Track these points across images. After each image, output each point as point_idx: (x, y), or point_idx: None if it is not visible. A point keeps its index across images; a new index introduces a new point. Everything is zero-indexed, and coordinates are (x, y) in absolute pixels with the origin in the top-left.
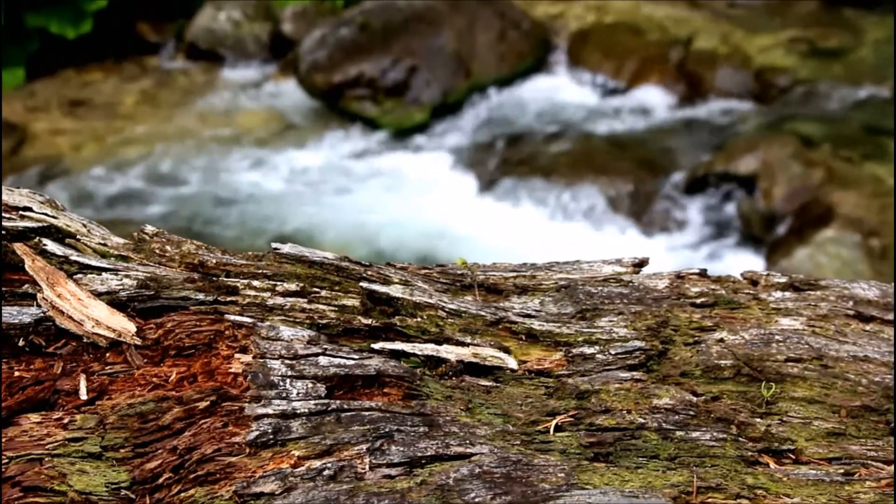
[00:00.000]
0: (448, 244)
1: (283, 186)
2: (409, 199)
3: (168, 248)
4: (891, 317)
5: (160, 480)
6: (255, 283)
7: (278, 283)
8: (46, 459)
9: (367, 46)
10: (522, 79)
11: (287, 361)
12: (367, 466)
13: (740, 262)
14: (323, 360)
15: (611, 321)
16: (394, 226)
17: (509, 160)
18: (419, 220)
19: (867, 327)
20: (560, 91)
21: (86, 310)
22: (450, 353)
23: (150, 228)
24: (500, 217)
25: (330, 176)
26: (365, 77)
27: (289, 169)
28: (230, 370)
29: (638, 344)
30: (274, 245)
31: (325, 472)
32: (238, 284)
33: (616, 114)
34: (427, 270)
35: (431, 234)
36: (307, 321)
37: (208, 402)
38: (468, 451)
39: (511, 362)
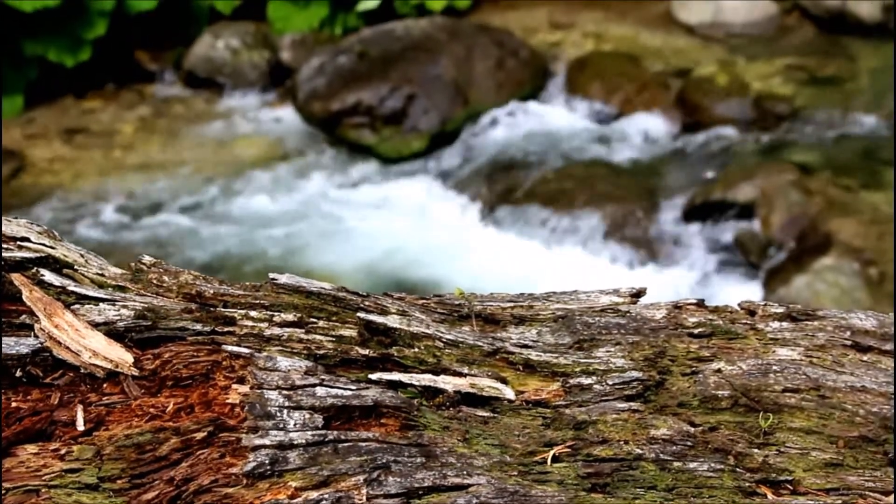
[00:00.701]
0: (447, 273)
1: (281, 214)
2: (407, 227)
3: (165, 278)
4: (888, 347)
5: None
6: (253, 313)
7: (276, 313)
8: (43, 491)
9: (366, 75)
10: (520, 106)
11: (284, 392)
12: (364, 497)
13: (739, 289)
14: (320, 391)
15: (608, 351)
16: (392, 254)
17: (508, 188)
18: (417, 249)
19: (865, 357)
20: (558, 119)
21: (83, 340)
22: (447, 383)
23: (147, 259)
24: (499, 245)
25: (327, 204)
26: (363, 105)
27: (286, 197)
28: (227, 401)
29: (635, 374)
30: (271, 275)
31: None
32: (235, 315)
33: (614, 141)
34: (424, 301)
35: (430, 263)
36: (304, 351)
37: (205, 433)
38: (465, 481)
39: (508, 393)
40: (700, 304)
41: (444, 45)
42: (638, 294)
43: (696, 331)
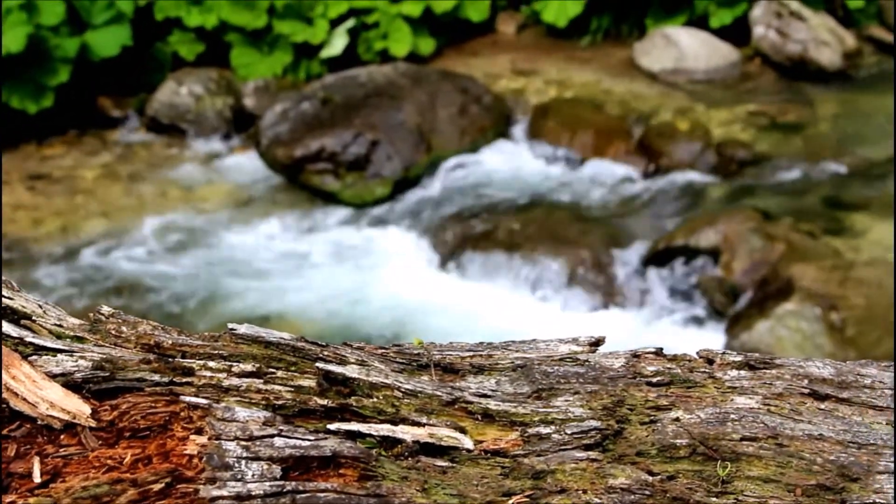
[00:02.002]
0: (410, 320)
1: (244, 261)
2: (370, 274)
3: (124, 328)
4: (845, 395)
5: None
6: (211, 363)
7: (234, 363)
8: None
9: (329, 121)
10: (484, 153)
11: (242, 443)
12: None
13: (701, 335)
14: (278, 442)
15: (567, 401)
16: (355, 301)
17: (471, 234)
18: (380, 296)
19: (822, 406)
20: (521, 165)
21: (40, 392)
22: (406, 433)
23: (106, 309)
24: (461, 292)
25: (290, 251)
26: (326, 151)
27: (248, 244)
28: (185, 452)
29: (594, 423)
30: (230, 326)
31: None
32: (194, 365)
33: (577, 187)
34: (383, 350)
35: (393, 310)
36: (263, 402)
37: (163, 484)
38: None
39: (467, 442)
40: (658, 352)
41: (407, 91)
42: (597, 343)
43: (654, 379)
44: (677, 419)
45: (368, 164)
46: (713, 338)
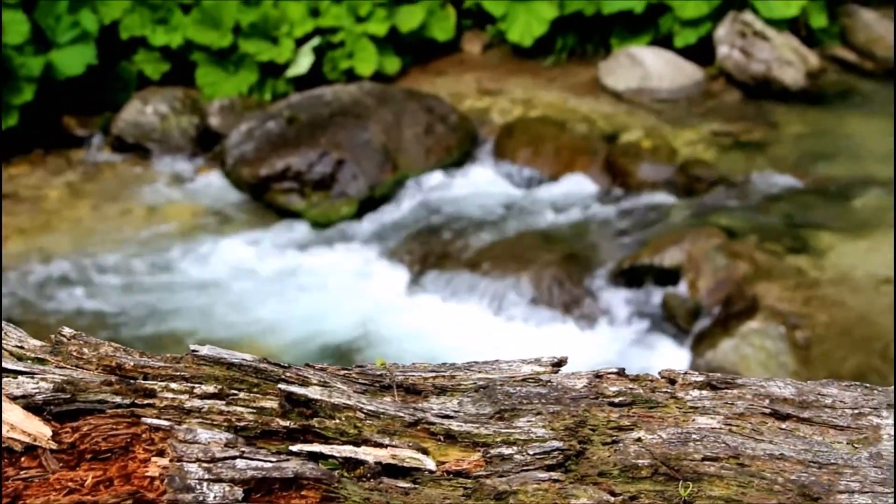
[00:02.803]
0: (375, 340)
1: (207, 282)
2: (335, 294)
3: (85, 350)
4: (806, 415)
5: None
6: (173, 385)
7: (196, 385)
8: None
9: (294, 140)
10: (449, 172)
11: (204, 465)
12: None
13: (666, 354)
14: (240, 463)
15: (529, 421)
16: (321, 320)
17: (436, 253)
18: (346, 316)
19: (783, 425)
20: (487, 184)
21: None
22: (368, 454)
23: (67, 331)
24: (427, 311)
25: (255, 271)
26: (292, 170)
27: (213, 264)
28: (147, 474)
29: (556, 444)
30: (192, 347)
31: None
32: (156, 387)
33: (543, 206)
34: (346, 371)
35: (358, 330)
36: (225, 424)
37: None
38: None
39: (429, 463)
40: (621, 372)
41: (372, 110)
42: (559, 363)
43: (616, 400)
44: (639, 439)
45: (334, 183)
46: (678, 356)
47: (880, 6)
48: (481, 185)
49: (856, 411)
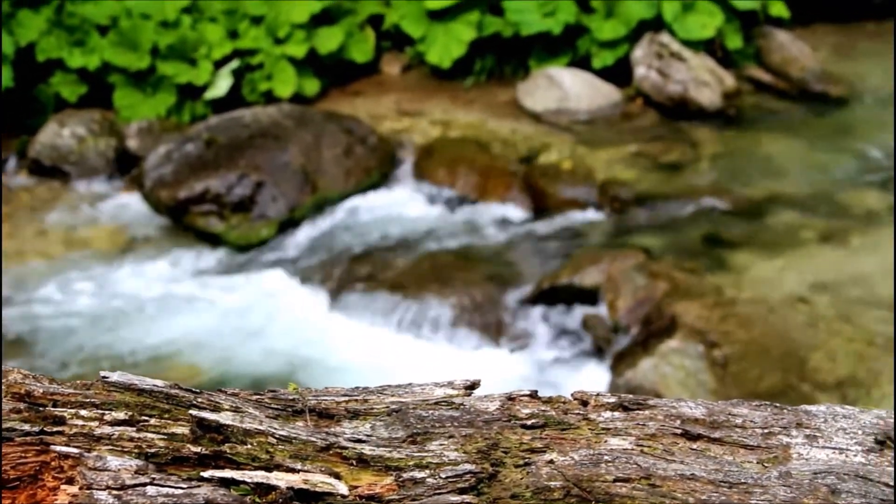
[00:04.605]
0: (294, 364)
1: (124, 306)
2: (254, 317)
3: None
4: (717, 435)
5: None
6: (83, 412)
7: (106, 411)
8: None
9: (213, 162)
10: (369, 193)
11: (114, 492)
12: None
13: (587, 374)
14: (151, 490)
15: (441, 444)
16: (241, 343)
17: (357, 275)
18: (265, 338)
19: (694, 446)
20: (407, 205)
21: None
22: (280, 479)
23: None
24: (347, 333)
25: (173, 295)
26: (211, 193)
27: (130, 288)
28: (56, 502)
29: (468, 467)
30: (103, 373)
31: None
32: (65, 414)
33: (462, 227)
34: (258, 396)
35: (278, 352)
36: (135, 450)
37: None
38: None
39: (342, 488)
40: (533, 394)
41: (292, 132)
42: (472, 386)
43: (529, 422)
44: (551, 461)
45: (253, 205)
46: (598, 376)
47: (794, 27)
48: (401, 206)
49: (765, 431)
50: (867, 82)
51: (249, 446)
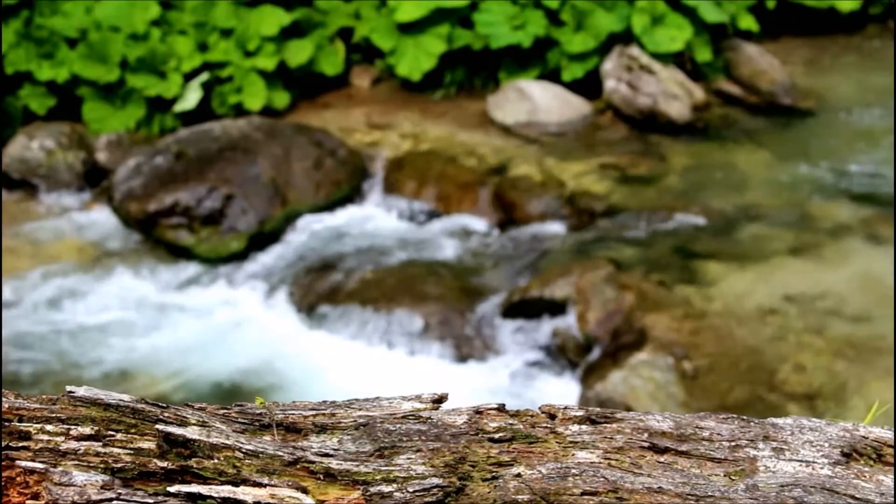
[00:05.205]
0: (264, 377)
1: (92, 320)
2: (224, 330)
3: None
4: (684, 448)
5: None
6: (49, 427)
7: (72, 426)
8: None
9: (183, 175)
10: (339, 206)
11: None
12: None
13: (557, 386)
14: None
15: (409, 458)
16: (210, 356)
17: (327, 288)
18: (234, 351)
19: (661, 458)
20: (377, 218)
21: None
22: (247, 494)
23: None
24: (317, 346)
25: (142, 308)
26: (180, 206)
27: (98, 302)
28: None
29: (436, 481)
30: (68, 388)
31: None
32: (31, 429)
33: (432, 240)
34: (225, 410)
35: (248, 365)
36: (101, 465)
37: None
38: None
39: (309, 502)
40: (501, 408)
41: (261, 145)
42: (440, 399)
43: (496, 435)
44: (519, 475)
45: (223, 218)
46: (568, 389)
47: (764, 40)
48: (371, 219)
49: (733, 444)
50: (836, 95)
51: (216, 461)
